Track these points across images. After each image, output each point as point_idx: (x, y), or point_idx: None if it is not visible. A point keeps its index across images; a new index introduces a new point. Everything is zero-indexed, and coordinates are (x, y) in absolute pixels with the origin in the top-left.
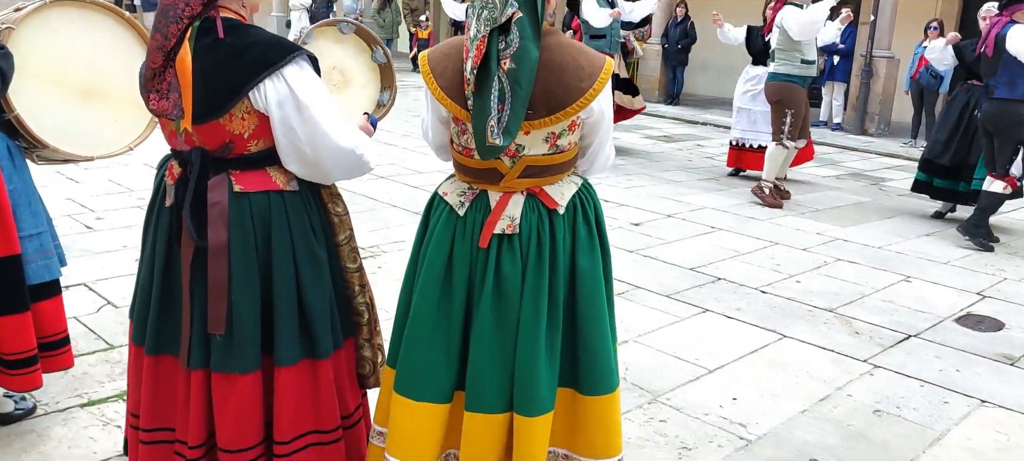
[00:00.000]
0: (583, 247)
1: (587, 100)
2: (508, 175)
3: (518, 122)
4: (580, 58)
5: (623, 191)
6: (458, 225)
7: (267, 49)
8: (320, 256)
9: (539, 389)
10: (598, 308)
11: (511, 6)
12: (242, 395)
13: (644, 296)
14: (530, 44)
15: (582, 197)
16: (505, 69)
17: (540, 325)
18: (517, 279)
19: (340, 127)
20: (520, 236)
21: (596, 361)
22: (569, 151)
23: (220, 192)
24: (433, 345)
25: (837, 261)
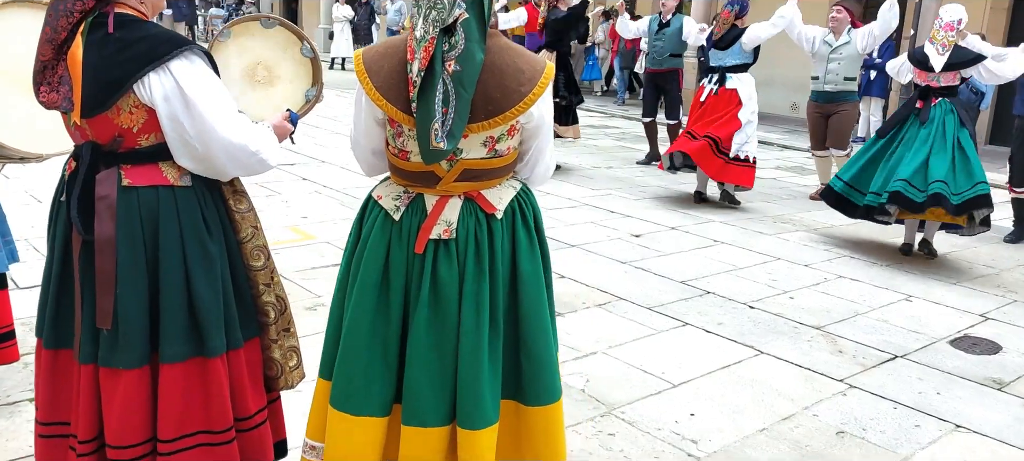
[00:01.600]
0: (524, 251)
1: (527, 104)
2: (445, 179)
3: (461, 125)
4: (520, 62)
5: (632, 203)
6: (393, 230)
7: (155, 43)
8: (212, 253)
9: (483, 400)
10: (540, 314)
11: (458, 7)
12: (127, 391)
13: (625, 308)
14: (476, 46)
15: (521, 201)
16: (450, 71)
17: (482, 333)
18: (455, 286)
19: (232, 122)
20: (457, 241)
21: (540, 370)
22: (508, 156)
23: (109, 186)
24: (370, 356)
25: (838, 278)
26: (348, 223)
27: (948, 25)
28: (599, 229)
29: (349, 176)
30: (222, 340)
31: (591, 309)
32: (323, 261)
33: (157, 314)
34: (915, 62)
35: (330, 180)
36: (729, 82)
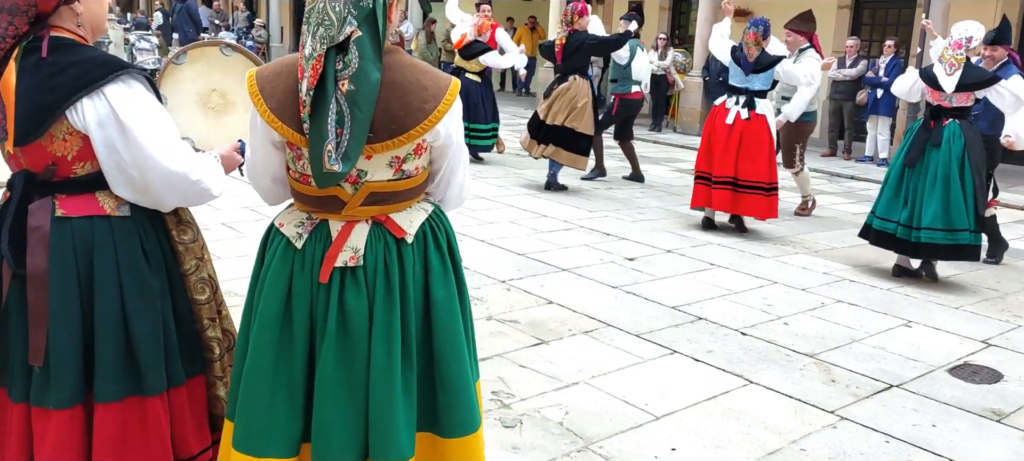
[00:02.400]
0: (437, 277)
1: (431, 122)
2: (350, 203)
3: (358, 147)
4: (424, 79)
5: (629, 225)
6: (296, 259)
7: (89, 67)
8: (152, 286)
9: (397, 434)
10: (456, 342)
11: (350, 24)
12: (58, 431)
13: (613, 335)
14: (370, 65)
15: (433, 224)
16: (343, 91)
17: (394, 364)
18: (364, 315)
19: (171, 149)
20: (365, 268)
21: (456, 399)
22: (417, 177)
23: (42, 216)
24: (274, 394)
25: (836, 303)
26: None
27: (956, 43)
28: (592, 252)
29: None
30: (161, 378)
31: (577, 336)
32: None
33: (92, 351)
34: (926, 80)
35: None
36: (758, 107)
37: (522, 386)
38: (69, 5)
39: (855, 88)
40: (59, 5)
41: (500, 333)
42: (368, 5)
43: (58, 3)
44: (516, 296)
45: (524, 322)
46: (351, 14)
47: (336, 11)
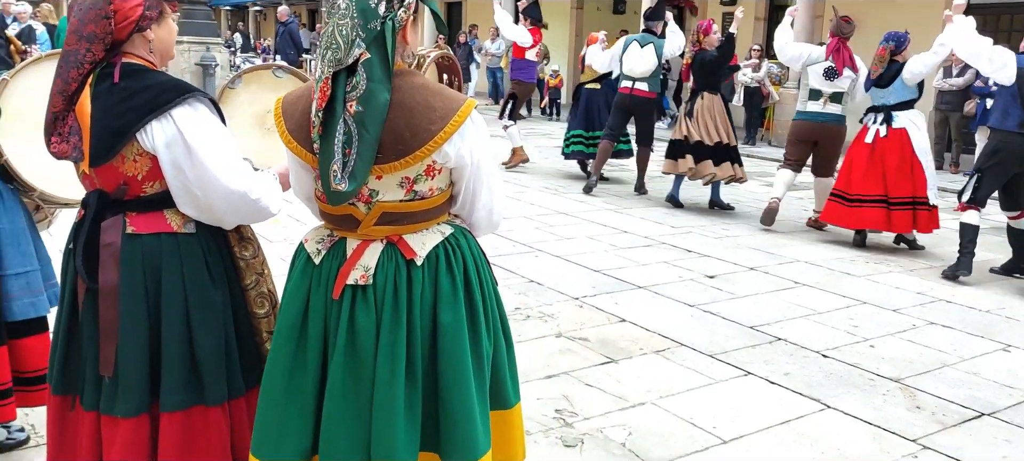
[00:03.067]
0: (445, 301)
1: (437, 143)
2: (364, 222)
3: (365, 167)
4: (433, 100)
5: (713, 241)
6: (314, 274)
7: (158, 91)
8: (215, 300)
9: (396, 452)
10: (460, 368)
11: (358, 47)
12: (125, 439)
13: (684, 355)
14: (379, 86)
15: (450, 247)
16: (351, 112)
17: (396, 384)
18: (371, 333)
19: (232, 170)
20: (375, 287)
21: (456, 425)
22: (432, 198)
23: (114, 233)
24: (286, 403)
25: (929, 325)
26: None
27: None
28: (671, 269)
29: None
30: (223, 389)
31: (648, 355)
32: None
33: (158, 362)
34: None
35: None
36: (896, 122)
37: (586, 405)
38: (141, 33)
39: (963, 98)
40: (132, 33)
41: (568, 351)
42: (376, 28)
43: (132, 31)
44: (588, 313)
45: (594, 340)
46: (359, 37)
47: (343, 35)
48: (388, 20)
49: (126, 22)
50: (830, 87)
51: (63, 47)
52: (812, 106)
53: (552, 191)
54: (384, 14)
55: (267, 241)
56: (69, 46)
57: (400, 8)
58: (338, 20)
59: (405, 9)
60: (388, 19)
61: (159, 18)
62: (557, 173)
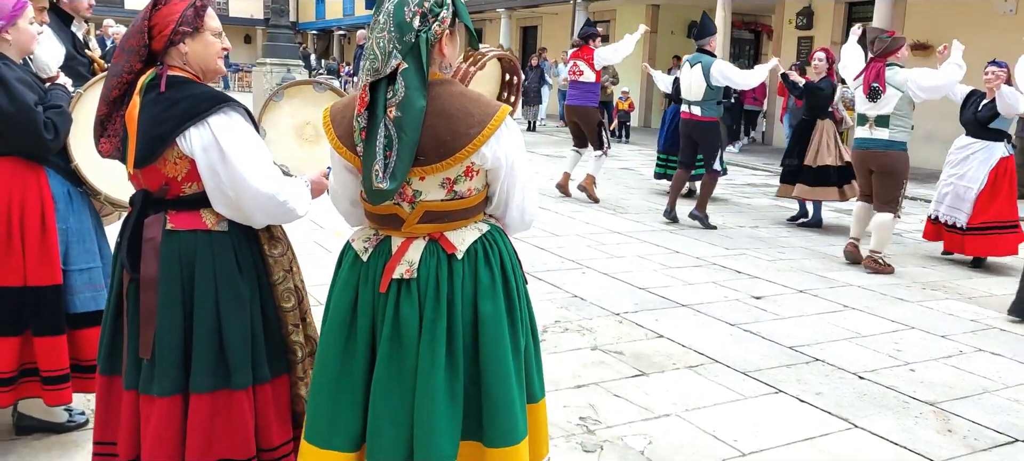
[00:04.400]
0: (485, 292)
1: (475, 146)
2: (408, 221)
3: (404, 167)
4: (471, 106)
5: (766, 263)
6: (362, 271)
7: (197, 101)
8: (243, 293)
9: (436, 438)
10: (501, 355)
11: (395, 57)
12: (160, 417)
13: (718, 371)
14: (415, 93)
15: (487, 243)
16: (391, 117)
17: (437, 372)
18: (415, 325)
19: (262, 174)
20: (418, 281)
21: (497, 410)
22: (471, 198)
23: (155, 229)
24: (338, 392)
25: (977, 352)
26: None
27: None
28: (718, 289)
29: None
30: (248, 375)
31: (681, 371)
32: None
33: (191, 347)
34: None
35: None
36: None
37: (611, 414)
38: (175, 47)
39: None
40: (168, 47)
41: (601, 363)
42: (411, 40)
43: (167, 45)
44: (627, 328)
45: (629, 354)
46: (396, 49)
47: (380, 46)
48: (423, 33)
49: (161, 36)
50: (874, 109)
51: (113, 59)
52: (860, 132)
53: (610, 212)
54: (419, 28)
55: (325, 249)
56: (116, 59)
57: (435, 22)
58: (377, 34)
59: (440, 24)
60: (423, 32)
61: (194, 34)
62: (618, 194)
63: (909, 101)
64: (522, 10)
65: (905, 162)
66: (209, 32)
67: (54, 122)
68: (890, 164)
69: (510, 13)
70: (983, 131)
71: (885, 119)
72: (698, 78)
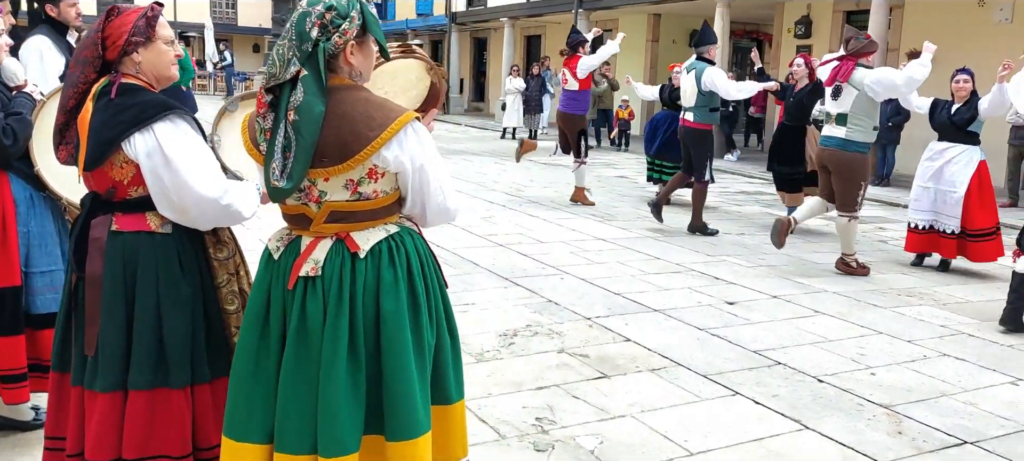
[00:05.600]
0: (387, 290)
1: (374, 148)
2: (315, 220)
3: (300, 168)
4: (373, 111)
5: (745, 269)
6: (274, 269)
7: (144, 108)
8: (184, 294)
9: (338, 430)
10: (401, 351)
11: (294, 65)
12: (102, 412)
13: (679, 374)
14: (314, 99)
15: (393, 243)
16: (290, 120)
17: (338, 366)
18: (319, 321)
19: (205, 178)
20: (323, 279)
21: (396, 404)
22: (377, 200)
23: (101, 230)
24: (253, 386)
25: (941, 356)
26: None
27: None
28: (692, 295)
29: (465, 236)
30: (187, 374)
31: (642, 373)
32: None
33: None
34: None
35: (444, 240)
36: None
37: (567, 415)
38: (129, 56)
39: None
40: (121, 56)
41: (565, 366)
42: (308, 49)
43: (120, 54)
44: (595, 332)
45: (594, 357)
46: (295, 57)
47: (280, 53)
48: (322, 43)
49: (114, 46)
50: (835, 107)
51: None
52: (825, 130)
53: (598, 219)
54: (317, 38)
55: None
56: (71, 70)
57: (335, 34)
58: (280, 42)
59: (341, 35)
60: (321, 43)
61: (146, 43)
62: (610, 201)
63: (870, 101)
64: (526, 19)
65: (862, 164)
66: (161, 41)
67: (14, 128)
68: (845, 164)
69: (513, 22)
70: (962, 135)
71: (843, 117)
72: (691, 84)
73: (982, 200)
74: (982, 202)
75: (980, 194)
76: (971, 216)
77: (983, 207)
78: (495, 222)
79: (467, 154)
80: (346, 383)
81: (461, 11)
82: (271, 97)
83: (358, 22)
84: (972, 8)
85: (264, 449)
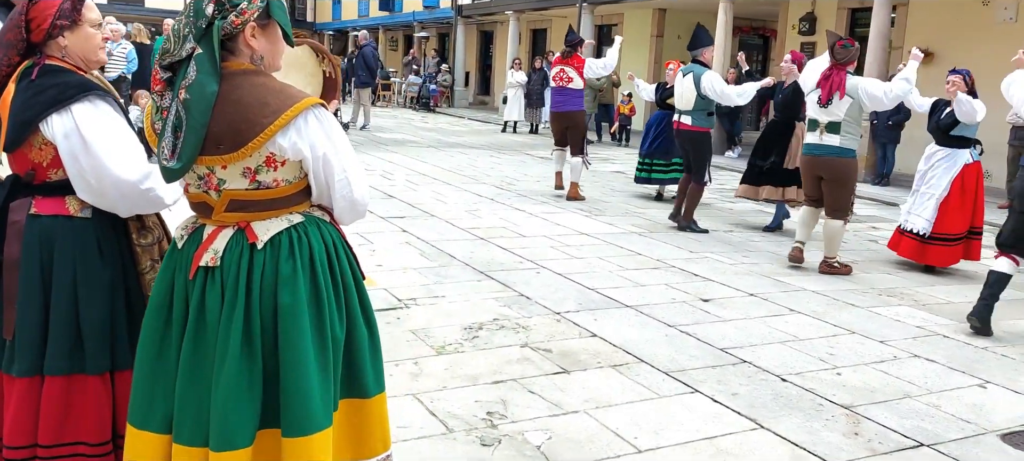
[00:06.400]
0: (285, 283)
1: (268, 134)
2: (216, 209)
3: (190, 149)
4: (269, 97)
5: (726, 267)
6: (178, 258)
7: (64, 89)
8: (103, 279)
9: (230, 424)
10: (297, 345)
11: (189, 42)
12: (20, 396)
13: (640, 370)
14: (207, 78)
15: (295, 234)
16: (181, 99)
17: (231, 360)
18: (216, 312)
19: (124, 160)
20: (222, 269)
21: (292, 399)
22: (278, 189)
23: (20, 213)
24: (155, 375)
25: (912, 358)
26: (420, 273)
27: None
28: (668, 291)
29: (446, 228)
30: (106, 360)
31: (604, 369)
32: None
33: None
34: None
35: (425, 232)
36: None
37: (520, 410)
38: (54, 39)
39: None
40: (46, 39)
41: (525, 360)
42: (202, 26)
43: (45, 38)
44: (562, 327)
45: (556, 352)
46: (191, 33)
47: (175, 30)
48: (217, 21)
49: (39, 29)
50: (825, 115)
51: None
52: (810, 137)
53: (585, 214)
54: (212, 15)
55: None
56: None
57: (232, 13)
58: (178, 19)
59: (238, 14)
60: (217, 20)
61: (72, 26)
62: (600, 196)
63: (859, 108)
64: (532, 13)
65: (854, 169)
66: (87, 24)
67: None
68: (841, 171)
69: (519, 16)
70: (947, 138)
71: (836, 125)
72: (689, 88)
73: (961, 204)
74: (961, 206)
75: (961, 199)
76: (942, 219)
77: (960, 211)
78: (479, 215)
79: (464, 147)
80: (238, 377)
81: (467, 4)
82: (169, 75)
83: (260, 4)
84: (976, 7)
85: (164, 439)
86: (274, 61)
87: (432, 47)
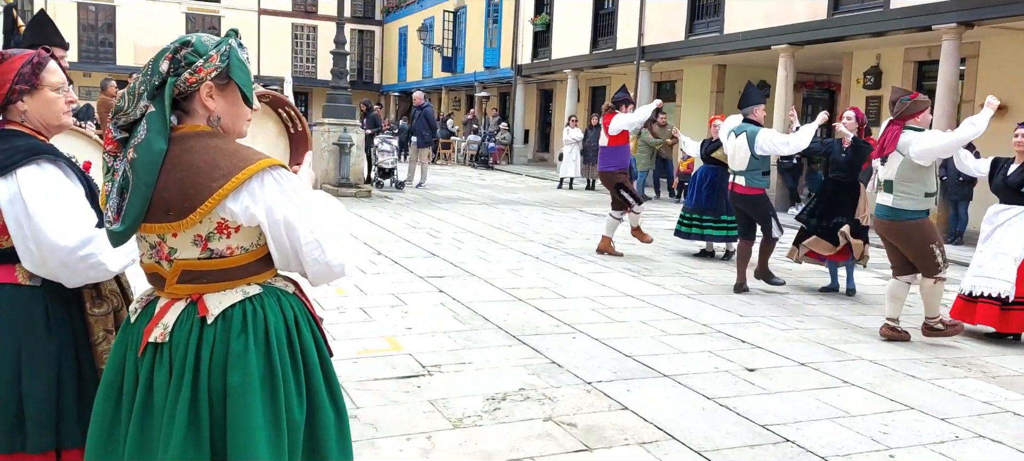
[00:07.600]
0: (235, 361)
1: (217, 199)
2: (168, 280)
3: (135, 210)
4: (220, 159)
5: (777, 332)
6: (131, 333)
7: (12, 153)
8: (49, 352)
9: None
10: (246, 428)
11: (144, 100)
12: None
13: (669, 449)
14: (155, 137)
15: (250, 307)
16: (129, 159)
17: (174, 443)
18: (164, 392)
19: (62, 226)
20: (171, 346)
21: None
22: (233, 257)
23: None
24: (105, 458)
25: (977, 438)
26: (450, 336)
27: None
28: (711, 359)
29: (484, 289)
30: (50, 438)
31: (631, 447)
32: (385, 373)
33: None
34: None
35: (462, 293)
36: None
37: None
38: (13, 105)
39: None
40: (6, 104)
41: (547, 435)
42: (155, 83)
43: (4, 102)
44: (591, 398)
45: (582, 426)
46: (146, 91)
47: (132, 89)
48: (170, 79)
49: None
50: (883, 173)
51: None
52: (879, 197)
53: (632, 274)
54: (166, 72)
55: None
56: None
57: (187, 71)
58: (135, 77)
59: (193, 72)
60: (170, 78)
61: (32, 91)
62: (650, 254)
63: (916, 166)
64: (590, 71)
65: (919, 228)
66: (48, 88)
67: None
68: (902, 234)
69: (577, 74)
70: (1017, 196)
71: (890, 184)
72: (743, 148)
73: None
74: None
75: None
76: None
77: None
78: (521, 275)
79: (517, 204)
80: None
81: (526, 63)
82: (123, 136)
83: (218, 64)
84: None
85: None
86: (234, 124)
87: (493, 106)
